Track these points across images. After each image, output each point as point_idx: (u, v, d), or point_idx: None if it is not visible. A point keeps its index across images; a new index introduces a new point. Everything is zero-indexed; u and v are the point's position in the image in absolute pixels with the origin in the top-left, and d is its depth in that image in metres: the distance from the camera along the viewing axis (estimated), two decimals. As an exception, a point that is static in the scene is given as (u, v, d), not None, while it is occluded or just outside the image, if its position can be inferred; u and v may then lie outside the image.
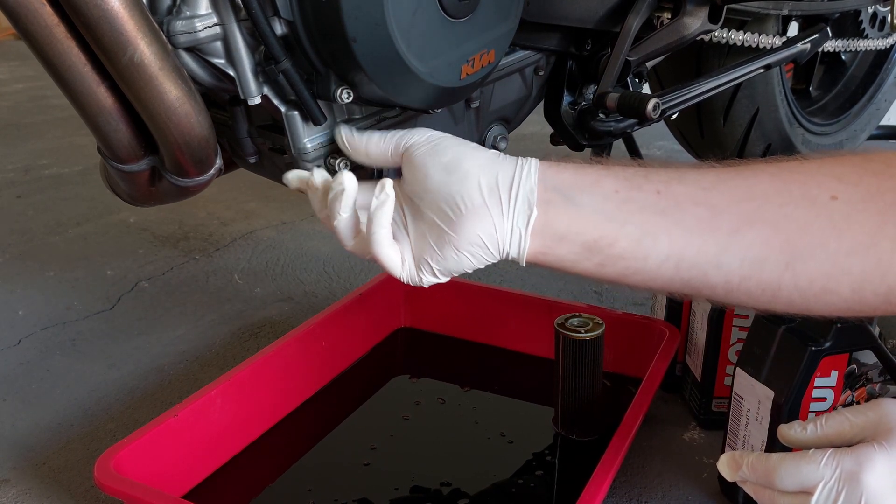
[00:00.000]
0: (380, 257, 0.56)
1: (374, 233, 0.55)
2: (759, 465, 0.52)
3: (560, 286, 1.18)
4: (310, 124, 0.66)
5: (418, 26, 0.62)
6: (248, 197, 1.59)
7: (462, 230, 0.54)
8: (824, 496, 0.49)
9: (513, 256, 0.55)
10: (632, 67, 0.86)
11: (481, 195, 0.54)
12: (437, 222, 0.55)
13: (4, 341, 1.06)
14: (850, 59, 1.49)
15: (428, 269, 0.56)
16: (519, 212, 0.54)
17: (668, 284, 0.54)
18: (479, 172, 0.54)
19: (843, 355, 0.65)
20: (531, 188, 0.54)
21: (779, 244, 0.51)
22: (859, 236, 0.50)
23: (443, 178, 0.55)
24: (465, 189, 0.54)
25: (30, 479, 0.79)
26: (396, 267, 0.57)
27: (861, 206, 0.50)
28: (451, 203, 0.54)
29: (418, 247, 0.56)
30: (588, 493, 0.63)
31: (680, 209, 0.53)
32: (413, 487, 0.74)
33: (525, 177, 0.54)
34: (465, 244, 0.54)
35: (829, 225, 0.51)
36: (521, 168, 0.55)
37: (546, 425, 0.83)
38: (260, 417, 0.81)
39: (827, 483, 0.49)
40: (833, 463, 0.49)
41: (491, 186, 0.54)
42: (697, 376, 0.84)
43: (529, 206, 0.54)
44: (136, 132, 0.65)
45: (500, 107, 0.82)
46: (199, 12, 0.60)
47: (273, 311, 1.13)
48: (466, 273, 0.57)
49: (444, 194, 0.55)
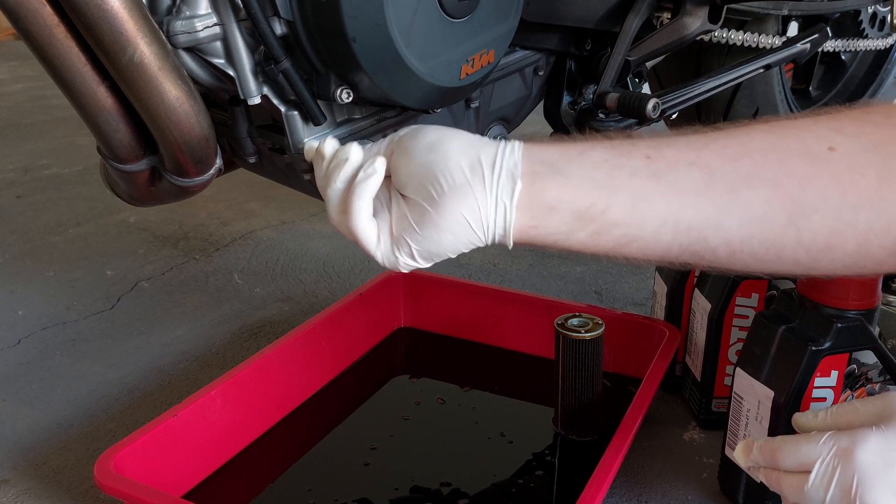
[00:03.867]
0: (355, 231, 0.55)
1: (352, 203, 0.54)
2: (766, 447, 0.55)
3: (560, 286, 1.18)
4: (310, 124, 0.66)
5: (418, 26, 0.62)
6: (248, 197, 1.59)
7: (443, 207, 0.52)
8: (821, 473, 0.51)
9: (499, 235, 0.53)
10: (631, 67, 0.86)
11: (463, 172, 0.52)
12: (419, 200, 0.53)
13: (4, 341, 1.06)
14: (850, 59, 1.49)
15: (406, 250, 0.55)
16: (503, 185, 0.52)
17: (666, 251, 0.53)
18: (461, 151, 0.53)
19: (843, 355, 0.65)
20: (515, 162, 0.52)
21: (779, 201, 0.50)
22: (863, 188, 0.49)
23: (425, 158, 0.53)
24: (447, 167, 0.52)
25: (30, 479, 0.79)
26: (371, 243, 0.55)
27: (864, 158, 0.49)
28: (432, 180, 0.53)
29: (398, 226, 0.54)
30: (588, 493, 0.63)
31: (673, 171, 0.51)
32: (413, 487, 0.74)
33: (508, 153, 0.53)
34: (447, 222, 0.52)
35: (831, 178, 0.49)
36: (504, 146, 0.53)
37: (546, 425, 0.83)
38: (260, 417, 0.81)
39: (824, 460, 0.51)
40: (830, 442, 0.51)
41: (473, 163, 0.52)
42: (697, 376, 0.84)
43: (513, 179, 0.52)
44: (136, 132, 0.65)
45: (499, 106, 0.82)
46: (198, 12, 0.60)
47: (273, 311, 1.13)
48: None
49: (426, 173, 0.53)
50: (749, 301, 0.79)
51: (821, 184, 0.49)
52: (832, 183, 0.49)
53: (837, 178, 0.49)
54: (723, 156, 0.51)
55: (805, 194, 0.50)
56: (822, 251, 0.51)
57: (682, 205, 0.51)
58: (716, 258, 0.52)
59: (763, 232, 0.50)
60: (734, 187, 0.50)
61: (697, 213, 0.51)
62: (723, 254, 0.52)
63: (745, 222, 0.50)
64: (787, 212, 0.50)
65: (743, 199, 0.50)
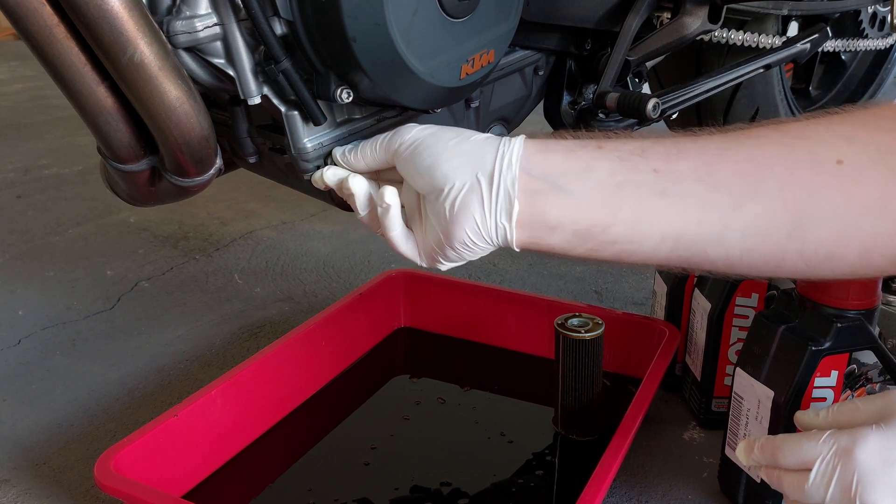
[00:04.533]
0: (401, 253, 0.61)
1: (388, 237, 0.60)
2: (767, 446, 0.55)
3: (560, 286, 1.18)
4: (310, 124, 0.66)
5: (418, 26, 0.62)
6: (248, 197, 1.59)
7: (451, 233, 0.55)
8: (821, 471, 0.51)
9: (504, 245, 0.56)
10: (631, 67, 0.86)
11: (462, 197, 0.54)
12: (434, 225, 0.57)
13: (4, 341, 1.06)
14: (850, 59, 1.49)
15: (439, 262, 0.60)
16: (501, 207, 0.53)
17: (664, 262, 0.54)
18: (456, 175, 0.54)
19: (843, 355, 0.65)
20: (512, 179, 0.53)
21: (783, 213, 0.50)
22: (869, 198, 0.49)
23: (426, 184, 0.56)
24: (446, 195, 0.54)
25: (30, 479, 0.79)
26: (416, 259, 0.61)
27: (871, 168, 0.49)
28: (437, 209, 0.55)
29: (425, 245, 0.59)
30: (588, 493, 0.63)
31: (680, 186, 0.51)
32: (413, 487, 0.74)
33: (506, 168, 0.53)
34: (458, 244, 0.56)
35: (838, 189, 0.49)
36: (501, 158, 0.54)
37: (546, 425, 0.83)
38: (260, 417, 0.81)
39: (824, 459, 0.51)
40: (831, 441, 0.51)
41: (471, 185, 0.54)
42: (697, 376, 0.84)
43: (510, 200, 0.53)
44: (136, 132, 0.65)
45: (499, 106, 0.82)
46: (198, 12, 0.60)
47: (273, 311, 1.13)
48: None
49: (431, 200, 0.56)
50: (749, 301, 0.79)
51: (825, 196, 0.50)
52: (838, 193, 0.49)
53: (843, 190, 0.49)
54: (733, 170, 0.51)
55: (809, 208, 0.50)
56: (822, 262, 0.51)
57: (684, 222, 0.51)
58: (714, 268, 0.54)
59: (764, 245, 0.51)
60: (740, 202, 0.51)
61: (699, 230, 0.51)
62: (721, 265, 0.53)
63: (748, 235, 0.51)
64: (789, 225, 0.50)
65: (747, 213, 0.51)
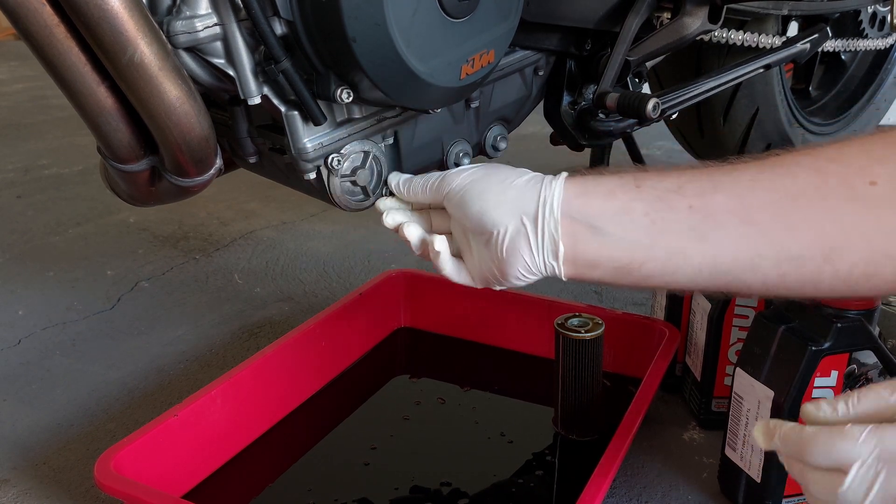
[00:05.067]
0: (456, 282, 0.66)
1: (443, 274, 0.66)
2: (793, 437, 0.48)
3: (560, 286, 1.18)
4: (310, 124, 0.66)
5: (418, 26, 0.62)
6: (248, 197, 1.59)
7: (505, 271, 0.61)
8: (860, 477, 0.44)
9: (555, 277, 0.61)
10: (631, 67, 0.86)
11: (510, 240, 0.59)
12: (488, 261, 0.62)
13: (4, 341, 1.06)
14: (850, 59, 1.49)
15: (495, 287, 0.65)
16: (547, 249, 0.59)
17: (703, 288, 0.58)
18: (503, 222, 0.60)
19: (843, 355, 0.65)
20: (555, 224, 0.58)
21: (817, 240, 0.51)
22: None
23: (476, 228, 0.61)
24: (496, 238, 0.60)
25: (30, 479, 0.79)
26: (471, 284, 0.66)
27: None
28: (490, 250, 0.61)
29: (480, 274, 0.64)
30: (588, 493, 0.63)
31: (714, 221, 0.54)
32: (413, 487, 0.74)
33: (549, 214, 0.58)
34: (511, 278, 0.61)
35: (869, 212, 0.50)
36: (543, 204, 0.59)
37: (546, 425, 0.83)
38: (260, 417, 0.81)
39: (865, 462, 0.44)
40: (872, 441, 0.44)
41: (518, 230, 0.59)
42: (697, 376, 0.84)
43: (555, 243, 0.58)
44: (136, 132, 0.65)
45: (499, 107, 0.82)
46: (198, 12, 0.60)
47: (273, 311, 1.13)
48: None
49: (481, 241, 0.62)
50: (749, 301, 0.79)
51: (857, 222, 0.51)
52: (869, 216, 0.50)
53: (875, 210, 0.50)
54: (766, 201, 0.53)
55: (840, 236, 0.51)
56: (859, 281, 0.52)
57: (718, 254, 0.54)
58: (751, 292, 0.56)
59: (801, 270, 0.52)
60: (773, 233, 0.52)
61: (734, 261, 0.54)
62: (758, 289, 0.55)
63: (782, 262, 0.52)
64: (823, 249, 0.51)
65: (780, 242, 0.52)
